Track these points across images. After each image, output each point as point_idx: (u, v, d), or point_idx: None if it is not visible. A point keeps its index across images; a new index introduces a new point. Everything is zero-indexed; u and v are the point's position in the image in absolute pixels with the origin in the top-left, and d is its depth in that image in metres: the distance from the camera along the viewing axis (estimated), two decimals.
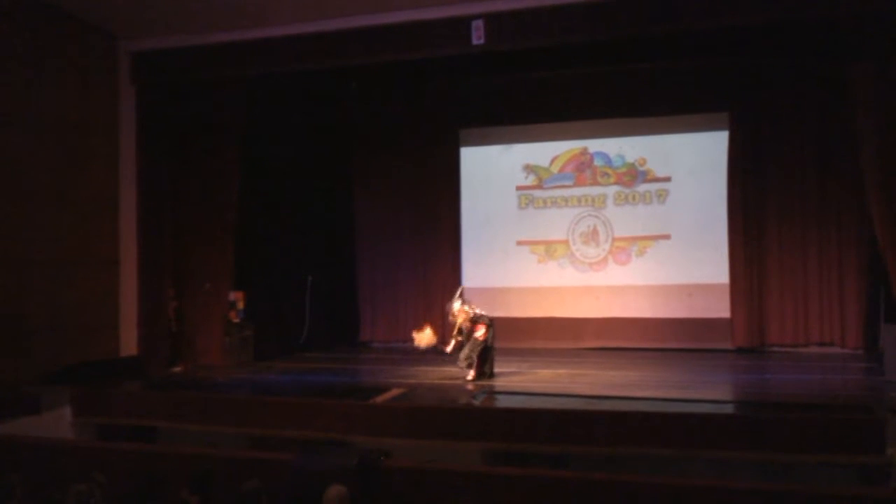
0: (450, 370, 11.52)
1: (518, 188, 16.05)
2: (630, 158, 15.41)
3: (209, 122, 13.10)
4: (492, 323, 11.18)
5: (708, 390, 10.46)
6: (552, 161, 15.88)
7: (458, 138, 16.24)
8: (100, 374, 11.41)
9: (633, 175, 15.39)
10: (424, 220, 16.23)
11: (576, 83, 15.14)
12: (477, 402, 9.85)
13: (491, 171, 16.20)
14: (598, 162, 15.61)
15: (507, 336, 13.20)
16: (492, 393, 10.49)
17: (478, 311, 11.24)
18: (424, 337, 11.50)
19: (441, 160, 16.18)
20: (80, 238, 11.95)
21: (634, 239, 15.35)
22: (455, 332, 11.32)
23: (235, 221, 13.17)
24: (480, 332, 11.05)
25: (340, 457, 6.28)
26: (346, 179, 16.75)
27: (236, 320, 13.48)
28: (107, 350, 12.21)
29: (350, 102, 16.47)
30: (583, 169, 15.69)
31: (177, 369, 12.79)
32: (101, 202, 12.35)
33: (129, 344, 12.44)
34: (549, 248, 15.85)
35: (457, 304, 11.26)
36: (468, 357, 11.09)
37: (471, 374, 11.13)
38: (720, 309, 14.54)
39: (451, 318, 11.35)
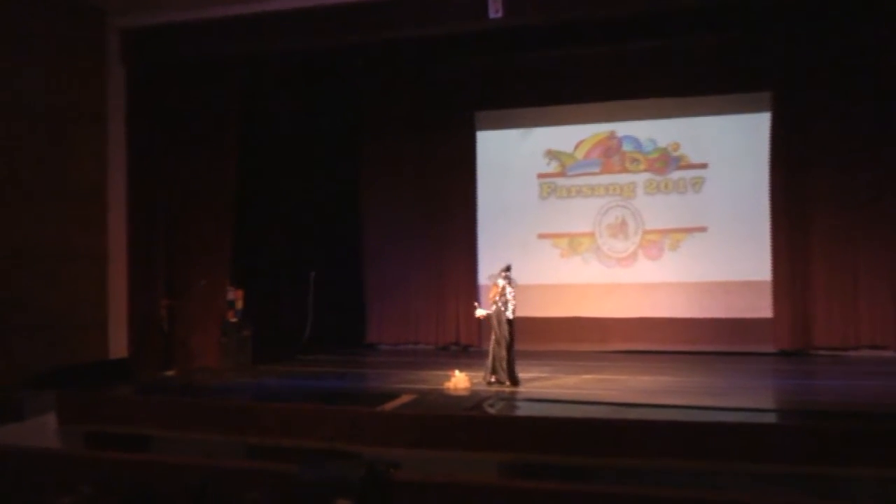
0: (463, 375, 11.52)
1: (539, 176, 16.05)
2: (662, 143, 15.38)
3: (205, 107, 13.15)
4: (506, 309, 11.10)
5: (747, 397, 10.43)
6: (577, 146, 15.87)
7: (474, 122, 16.25)
8: (87, 378, 11.48)
9: (666, 161, 15.36)
10: (437, 212, 16.24)
11: (602, 61, 15.10)
12: (494, 410, 9.86)
13: (509, 157, 16.20)
14: (626, 147, 15.59)
15: (528, 338, 13.20)
16: (510, 400, 10.49)
17: (509, 292, 11.14)
18: (459, 382, 11.31)
19: (455, 146, 16.19)
20: (65, 231, 12.01)
21: (666, 231, 15.33)
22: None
23: (233, 214, 13.22)
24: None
25: (345, 468, 6.30)
26: (351, 168, 16.78)
27: (234, 320, 13.52)
28: (95, 352, 12.29)
29: (356, 84, 16.49)
30: (610, 155, 15.67)
31: (170, 373, 12.85)
32: (87, 192, 12.42)
33: (118, 345, 12.51)
34: (572, 242, 15.84)
35: (500, 281, 11.22)
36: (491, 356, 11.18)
37: (491, 378, 11.21)
38: (761, 308, 14.51)
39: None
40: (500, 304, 11.09)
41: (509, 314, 11.07)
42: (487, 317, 11.30)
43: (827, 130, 14.16)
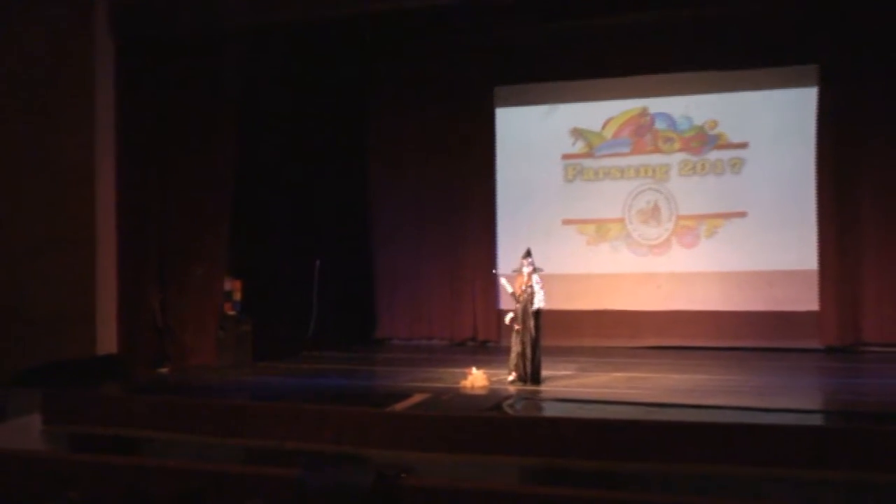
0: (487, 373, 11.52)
1: (564, 157, 16.02)
2: (698, 121, 15.33)
3: (201, 84, 13.14)
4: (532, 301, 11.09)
5: (791, 397, 10.38)
6: (605, 124, 15.83)
7: (493, 98, 16.22)
8: (73, 376, 11.50)
9: (702, 140, 15.30)
10: (452, 196, 16.23)
11: (634, 31, 15.00)
12: (514, 411, 9.84)
13: (532, 136, 16.17)
14: (659, 125, 15.53)
15: (551, 332, 13.13)
16: (532, 400, 10.49)
17: (535, 280, 11.12)
18: (477, 380, 11.30)
19: (473, 124, 16.16)
20: (49, 216, 12.02)
21: (703, 217, 15.28)
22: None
23: (231, 197, 13.23)
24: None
25: (353, 473, 6.28)
26: (359, 148, 16.78)
27: (232, 313, 13.55)
28: (81, 347, 12.30)
29: (363, 60, 16.46)
30: (642, 133, 15.62)
31: (163, 370, 12.90)
32: (73, 174, 12.41)
33: (107, 340, 12.52)
34: (600, 229, 15.81)
35: (525, 269, 11.20)
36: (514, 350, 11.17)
37: (513, 375, 11.21)
38: (806, 300, 14.46)
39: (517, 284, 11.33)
40: (526, 293, 11.07)
41: (537, 304, 11.04)
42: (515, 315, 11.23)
43: (879, 106, 14.06)
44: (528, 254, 11.30)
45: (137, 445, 10.48)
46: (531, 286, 11.07)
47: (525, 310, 11.08)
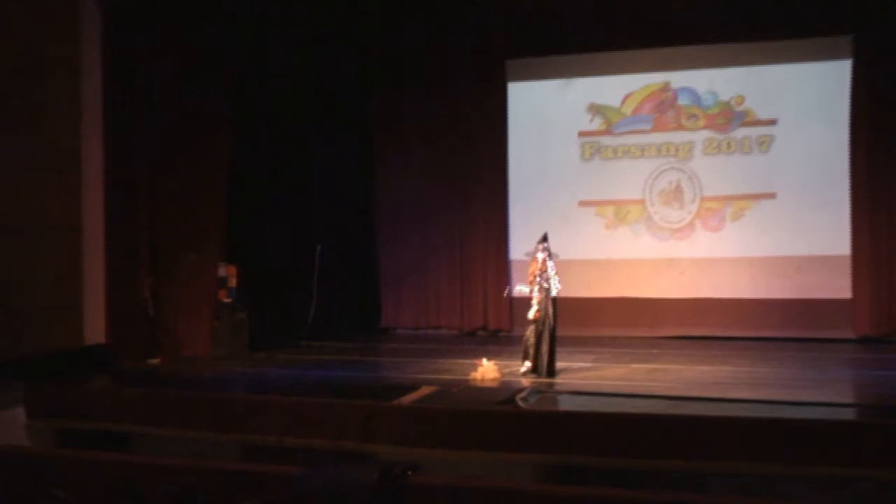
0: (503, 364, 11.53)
1: (581, 134, 15.98)
2: (724, 96, 15.28)
3: (195, 58, 13.13)
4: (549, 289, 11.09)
5: (822, 391, 10.39)
6: (624, 100, 15.79)
7: (505, 72, 16.18)
8: (60, 368, 11.54)
9: (728, 117, 15.25)
10: (462, 177, 16.22)
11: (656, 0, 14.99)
12: (528, 405, 9.85)
13: (547, 113, 16.14)
14: (683, 101, 15.48)
15: (568, 321, 13.16)
16: (547, 393, 10.49)
17: (550, 267, 11.12)
18: (487, 372, 11.30)
19: (483, 100, 16.13)
20: (32, 200, 12.00)
21: (729, 199, 15.26)
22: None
23: (227, 179, 13.24)
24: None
25: (357, 471, 6.29)
26: (363, 126, 16.75)
27: (227, 300, 13.57)
28: (68, 337, 12.32)
29: (365, 32, 16.42)
30: (664, 110, 15.58)
31: (154, 361, 12.92)
32: (58, 155, 12.40)
33: (95, 330, 12.54)
34: (619, 211, 15.78)
35: (539, 255, 11.20)
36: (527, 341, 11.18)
37: (526, 366, 11.21)
38: (838, 287, 14.45)
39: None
40: (540, 280, 11.06)
41: (552, 291, 11.04)
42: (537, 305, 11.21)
43: None
44: (544, 238, 11.29)
45: (127, 441, 10.51)
46: (546, 272, 11.06)
47: (540, 297, 11.07)
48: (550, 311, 11.05)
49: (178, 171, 13.16)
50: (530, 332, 11.17)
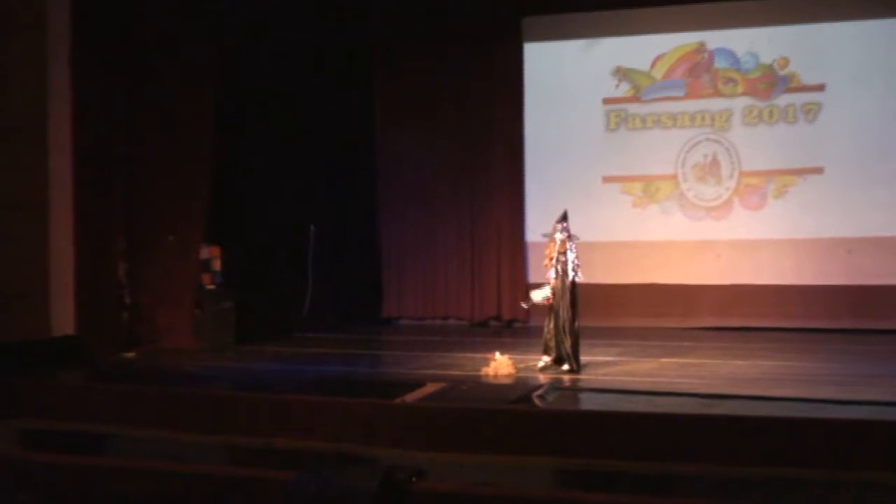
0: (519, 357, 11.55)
1: (606, 101, 16.00)
2: (766, 58, 15.26)
3: (175, 15, 13.12)
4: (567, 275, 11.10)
5: (875, 387, 10.31)
6: (654, 63, 15.78)
7: (521, 31, 16.17)
8: (25, 361, 11.58)
9: (771, 82, 15.24)
10: (473, 150, 16.24)
11: None
12: (546, 403, 9.86)
13: (567, 77, 16.13)
14: (720, 63, 15.47)
15: (591, 311, 13.16)
16: (567, 390, 10.51)
17: (570, 249, 11.12)
18: (501, 367, 11.30)
19: (496, 63, 16.14)
20: None
21: (771, 174, 15.25)
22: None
23: (212, 150, 13.24)
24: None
25: (355, 477, 6.31)
26: (362, 93, 16.74)
27: (211, 286, 13.58)
28: (34, 328, 12.38)
29: None
30: (698, 74, 15.56)
31: (130, 354, 12.96)
32: (21, 125, 12.43)
33: (64, 319, 12.59)
34: (648, 187, 15.78)
35: (557, 236, 11.19)
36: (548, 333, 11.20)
37: (544, 360, 11.23)
38: (893, 272, 14.46)
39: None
40: (559, 265, 11.06)
41: (574, 276, 11.03)
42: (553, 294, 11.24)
43: None
44: (563, 217, 11.27)
45: (101, 443, 10.54)
46: (565, 255, 11.05)
47: (560, 283, 11.07)
48: (568, 299, 11.03)
49: (156, 142, 13.17)
50: (549, 323, 11.16)
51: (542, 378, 10.90)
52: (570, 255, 11.08)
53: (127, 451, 10.15)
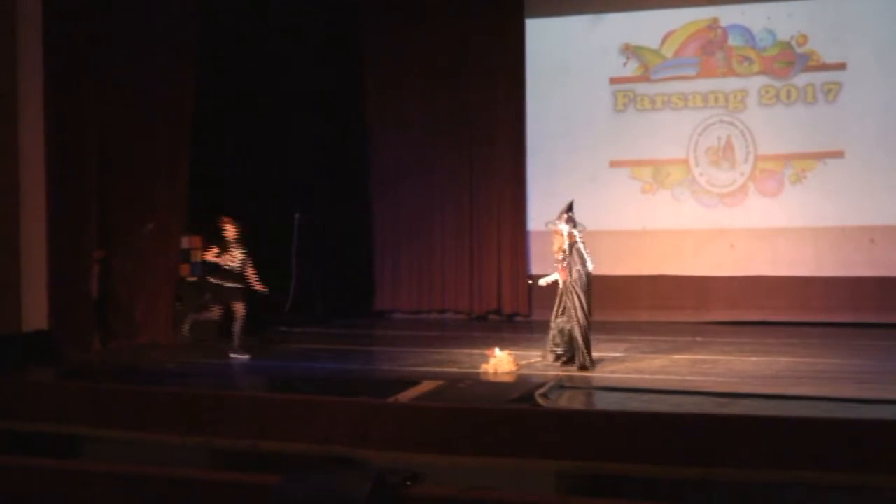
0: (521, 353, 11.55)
1: (613, 81, 15.99)
2: (784, 35, 15.25)
3: None
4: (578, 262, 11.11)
5: None
6: (664, 39, 15.78)
7: (523, 4, 16.14)
8: None
9: (789, 60, 15.23)
10: (471, 132, 16.23)
11: None
12: (550, 402, 9.85)
13: (572, 54, 16.13)
14: (734, 40, 15.46)
15: (598, 304, 13.08)
16: (573, 388, 10.50)
17: (578, 239, 11.12)
18: (501, 364, 11.30)
19: (497, 39, 16.12)
20: None
21: (788, 157, 15.26)
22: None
23: (190, 132, 13.22)
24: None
25: (346, 481, 6.30)
26: (353, 72, 16.70)
27: (192, 279, 13.57)
28: (4, 322, 12.37)
29: None
30: (712, 51, 15.56)
31: (105, 350, 12.94)
32: None
33: (35, 313, 12.57)
34: (658, 172, 15.77)
35: (563, 227, 11.19)
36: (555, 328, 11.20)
37: (549, 356, 11.26)
38: None
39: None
40: (568, 257, 11.05)
41: (586, 267, 11.02)
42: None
43: None
44: (569, 208, 11.26)
45: (74, 445, 10.53)
46: (574, 246, 11.04)
47: (569, 278, 11.06)
48: (579, 289, 11.01)
49: (132, 124, 13.14)
50: (559, 316, 11.15)
51: (547, 375, 10.86)
52: (580, 246, 11.07)
53: (102, 453, 10.15)
